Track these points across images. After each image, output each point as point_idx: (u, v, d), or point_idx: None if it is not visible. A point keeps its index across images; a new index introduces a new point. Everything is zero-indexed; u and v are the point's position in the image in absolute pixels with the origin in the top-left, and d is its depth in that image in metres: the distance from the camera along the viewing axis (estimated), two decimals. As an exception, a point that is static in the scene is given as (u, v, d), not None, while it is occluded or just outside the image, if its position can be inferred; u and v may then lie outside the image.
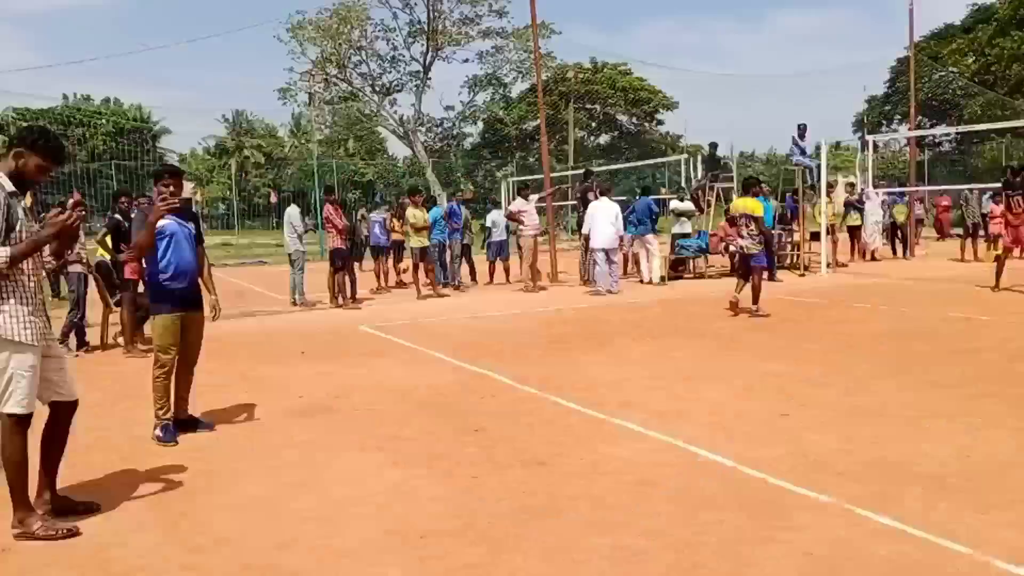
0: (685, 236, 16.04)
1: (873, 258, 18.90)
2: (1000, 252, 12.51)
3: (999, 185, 13.22)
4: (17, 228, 3.71)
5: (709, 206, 17.18)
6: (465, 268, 15.78)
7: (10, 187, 3.74)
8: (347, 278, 12.76)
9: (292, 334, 10.07)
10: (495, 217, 15.98)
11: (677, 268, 15.98)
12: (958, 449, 4.69)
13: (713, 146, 19.27)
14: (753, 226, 10.29)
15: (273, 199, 40.64)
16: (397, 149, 57.84)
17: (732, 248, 10.71)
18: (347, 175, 44.59)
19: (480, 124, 49.67)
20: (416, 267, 13.74)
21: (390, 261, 16.17)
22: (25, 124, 28.30)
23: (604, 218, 13.48)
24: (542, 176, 18.13)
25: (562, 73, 45.72)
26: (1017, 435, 4.93)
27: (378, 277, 15.52)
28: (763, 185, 15.39)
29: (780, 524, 3.69)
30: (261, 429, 5.69)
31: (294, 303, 12.88)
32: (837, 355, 7.64)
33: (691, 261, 16.26)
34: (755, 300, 10.25)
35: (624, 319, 10.66)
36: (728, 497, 4.05)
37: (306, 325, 10.90)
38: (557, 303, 12.51)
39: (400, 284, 15.74)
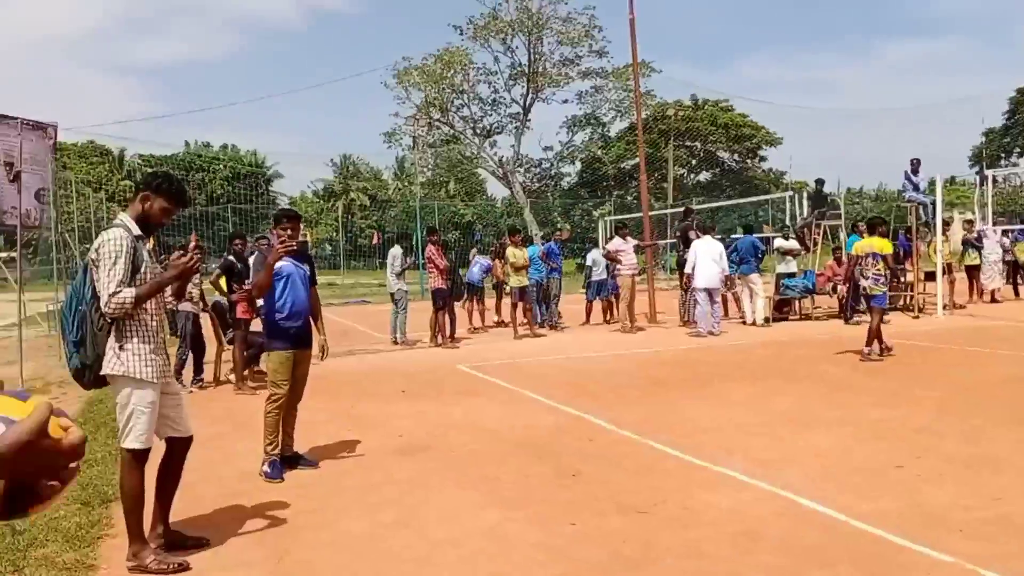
0: (790, 276, 15.57)
1: (993, 299, 17.81)
2: None
3: None
4: (142, 270, 3.95)
5: (816, 245, 16.67)
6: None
7: (136, 231, 3.99)
8: (447, 317, 12.97)
9: (393, 372, 10.28)
10: (595, 256, 15.95)
11: (782, 309, 15.50)
12: (1095, 508, 4.34)
13: (819, 183, 18.74)
14: (880, 265, 9.95)
15: (376, 240, 41.91)
16: (496, 190, 58.96)
17: (841, 288, 10.33)
18: (448, 216, 45.54)
19: (578, 164, 50.01)
20: (515, 306, 13.84)
21: (486, 301, 16.30)
22: (150, 170, 30.24)
23: (707, 257, 13.25)
24: (640, 215, 18.03)
25: (662, 111, 45.63)
26: None
27: (471, 316, 15.61)
28: (861, 223, 14.93)
29: (895, 584, 3.49)
30: (362, 466, 5.81)
31: (395, 342, 13.15)
32: (953, 402, 7.22)
33: (797, 302, 15.75)
34: (868, 342, 9.82)
35: (726, 361, 10.40)
36: (838, 551, 3.86)
37: (406, 364, 11.11)
38: (656, 344, 12.34)
39: (500, 323, 15.87)
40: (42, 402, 1.08)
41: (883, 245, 10.09)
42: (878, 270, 9.95)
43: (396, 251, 13.43)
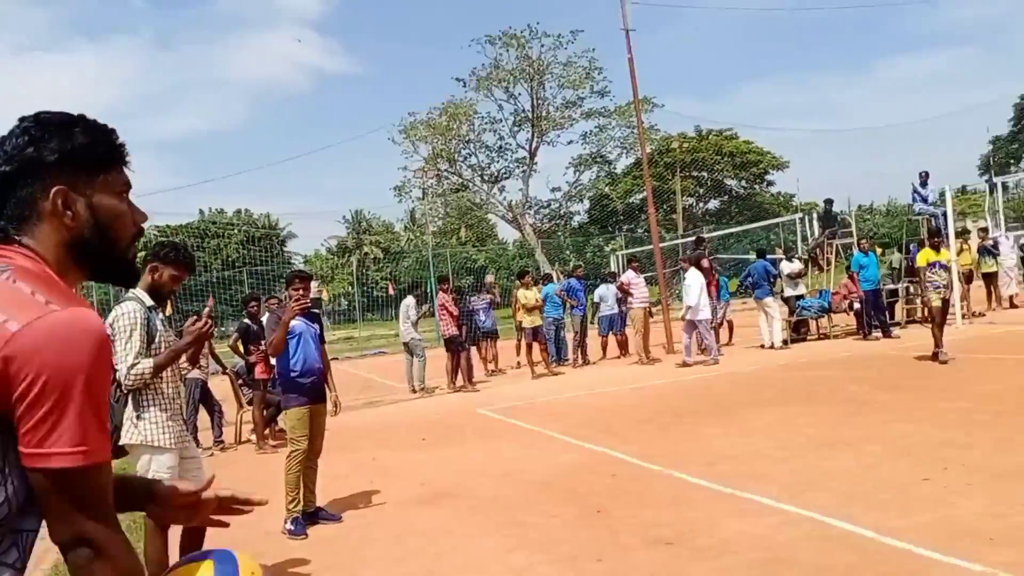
0: (799, 298, 15.52)
1: (1012, 305, 17.63)
2: None
3: None
4: (157, 339, 4.00)
5: (829, 264, 16.63)
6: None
7: (149, 301, 4.06)
8: (464, 363, 12.97)
9: (413, 421, 10.26)
10: (603, 292, 15.95)
11: (799, 330, 15.42)
12: None
13: (828, 203, 18.76)
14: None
15: (391, 290, 42.12)
16: (507, 233, 59.23)
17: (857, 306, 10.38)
18: (460, 262, 45.81)
19: (586, 202, 50.29)
20: (530, 347, 13.83)
21: (498, 344, 16.13)
22: (156, 240, 30.69)
23: (693, 288, 13.15)
24: (651, 247, 18.07)
25: (666, 144, 45.94)
26: None
27: (485, 362, 15.47)
28: (863, 241, 14.92)
29: (929, 599, 3.42)
30: (385, 517, 5.78)
31: (413, 390, 13.15)
32: (979, 413, 7.10)
33: (814, 321, 15.66)
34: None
35: (746, 387, 10.32)
36: (868, 570, 3.80)
37: (426, 411, 11.09)
38: (673, 375, 12.26)
39: (518, 365, 15.83)
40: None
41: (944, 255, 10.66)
42: (936, 277, 10.58)
43: (409, 301, 13.51)
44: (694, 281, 13.13)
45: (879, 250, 16.56)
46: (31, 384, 1.18)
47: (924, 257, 10.80)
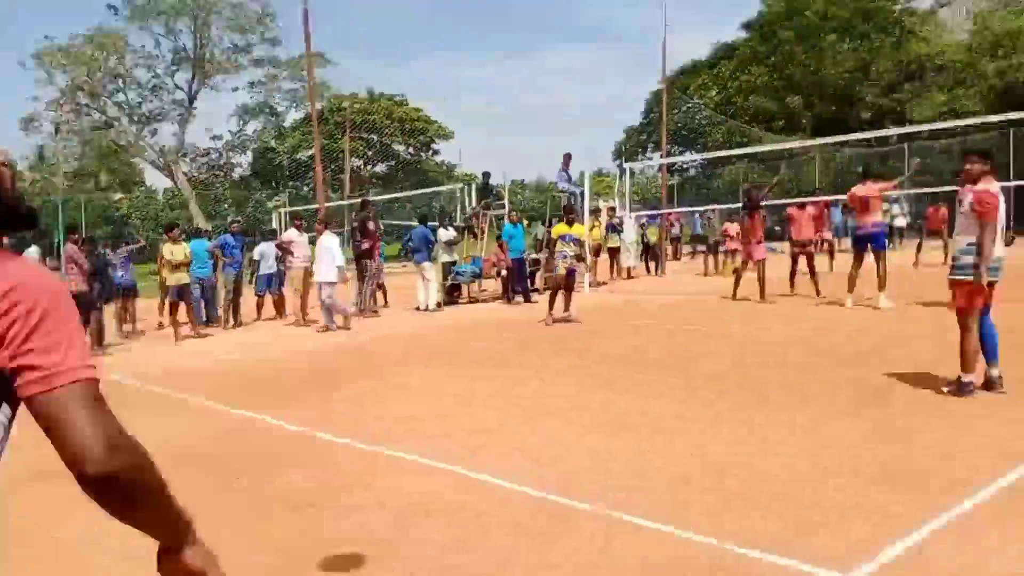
0: (453, 263, 16.36)
1: (629, 276, 20.26)
2: (738, 266, 13.94)
3: (740, 205, 14.66)
4: None
5: (483, 233, 17.61)
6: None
7: None
8: (93, 324, 11.63)
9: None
10: (264, 249, 15.31)
11: (452, 294, 16.22)
12: (704, 448, 5.07)
13: (486, 175, 19.78)
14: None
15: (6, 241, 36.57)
16: (156, 180, 54.27)
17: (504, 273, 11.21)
18: (99, 211, 41.07)
19: (250, 154, 47.89)
20: (174, 306, 12.83)
21: (137, 303, 14.71)
22: None
23: (326, 253, 12.87)
24: (316, 206, 17.71)
25: (338, 103, 45.27)
26: (755, 430, 5.41)
27: (121, 322, 14.05)
28: (513, 213, 16.19)
29: (550, 539, 3.78)
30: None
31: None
32: (599, 369, 8.04)
33: (466, 286, 16.58)
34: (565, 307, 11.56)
35: (402, 348, 10.59)
36: (501, 518, 4.09)
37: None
38: (332, 337, 12.19)
39: (160, 326, 14.61)
40: None
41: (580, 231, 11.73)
42: (564, 250, 11.63)
43: (32, 252, 11.78)
44: (331, 244, 12.90)
45: (527, 222, 17.93)
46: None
47: (558, 230, 11.91)
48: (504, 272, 15.43)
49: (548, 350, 9.53)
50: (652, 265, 21.61)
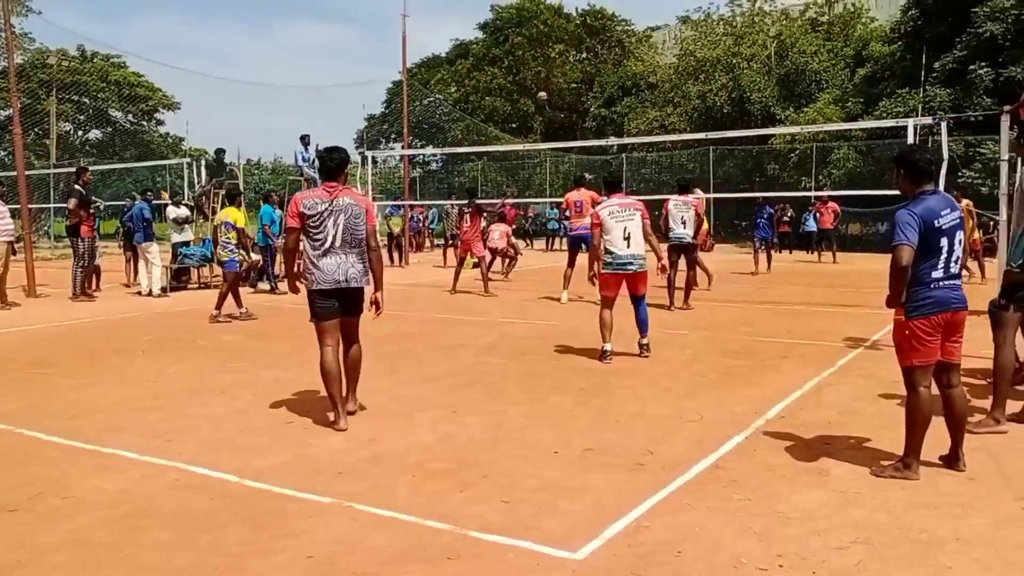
0: (186, 244, 15.31)
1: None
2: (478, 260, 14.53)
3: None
4: None
5: (214, 213, 16.64)
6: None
7: None
8: None
9: None
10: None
11: (180, 278, 15.16)
12: (442, 436, 5.25)
13: (219, 152, 18.76)
14: (233, 234, 10.93)
15: None
16: None
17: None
18: None
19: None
20: None
21: None
22: None
23: None
24: (15, 173, 15.68)
25: (42, 58, 40.30)
26: (491, 418, 5.70)
27: None
28: (273, 194, 15.58)
29: (283, 532, 3.71)
30: None
31: None
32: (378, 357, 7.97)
33: (196, 270, 15.57)
34: (218, 305, 10.64)
35: (120, 335, 9.74)
36: (231, 514, 3.95)
37: None
38: (38, 320, 10.91)
39: None
40: None
41: (237, 216, 11.09)
42: (228, 238, 10.90)
43: None
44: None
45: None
46: None
47: (222, 216, 11.22)
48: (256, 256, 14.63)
49: (288, 337, 9.28)
50: (396, 255, 21.79)
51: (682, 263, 11.49)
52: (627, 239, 7.53)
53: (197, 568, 3.37)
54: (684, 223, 11.26)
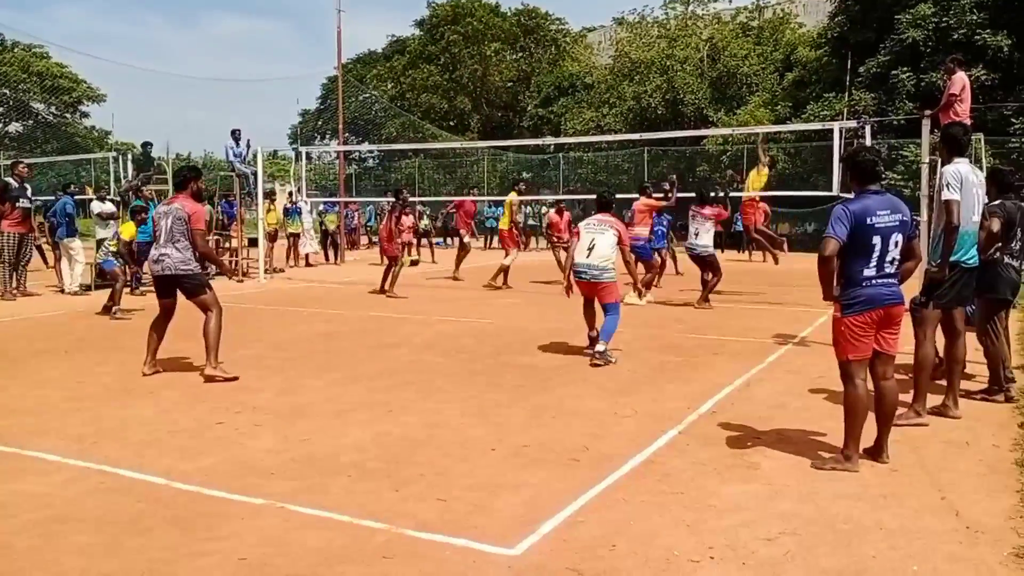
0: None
1: (308, 263, 19.99)
2: (416, 258, 14.46)
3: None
4: None
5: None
6: None
7: None
8: None
9: None
10: None
11: (105, 276, 14.64)
12: (377, 435, 5.20)
13: (146, 145, 18.25)
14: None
15: None
16: None
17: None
18: None
19: None
20: None
21: None
22: None
23: None
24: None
25: (-44, 46, 38.53)
26: (427, 416, 5.67)
27: None
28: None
29: (213, 534, 3.62)
30: None
31: None
32: (272, 358, 7.84)
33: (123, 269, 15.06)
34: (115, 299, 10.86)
35: (41, 335, 9.38)
36: (158, 517, 3.84)
37: None
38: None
39: None
40: None
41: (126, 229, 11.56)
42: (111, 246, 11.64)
43: None
44: None
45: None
46: None
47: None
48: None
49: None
50: (332, 253, 21.53)
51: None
52: (590, 250, 7.78)
53: (123, 573, 3.26)
54: (697, 235, 11.68)
